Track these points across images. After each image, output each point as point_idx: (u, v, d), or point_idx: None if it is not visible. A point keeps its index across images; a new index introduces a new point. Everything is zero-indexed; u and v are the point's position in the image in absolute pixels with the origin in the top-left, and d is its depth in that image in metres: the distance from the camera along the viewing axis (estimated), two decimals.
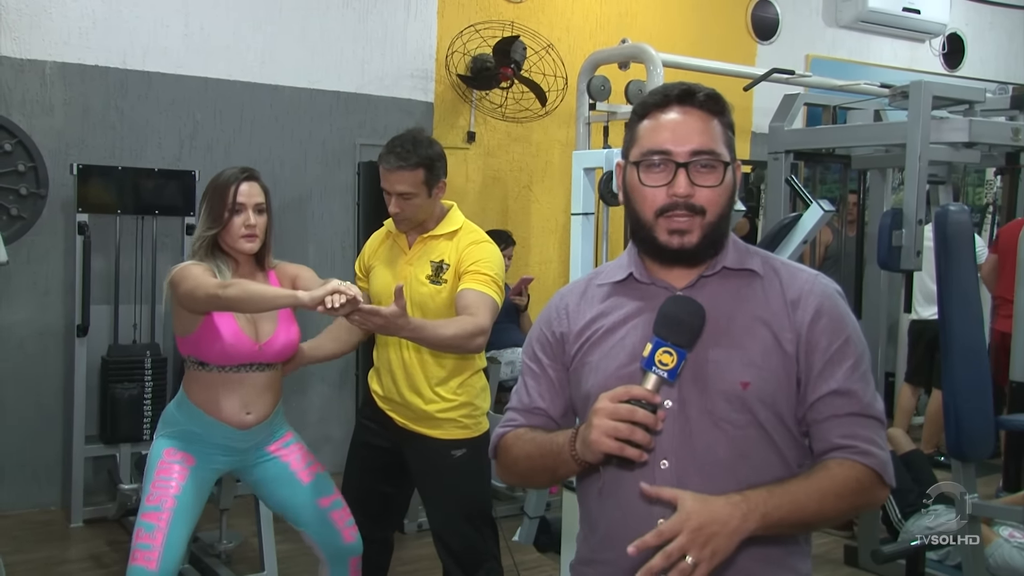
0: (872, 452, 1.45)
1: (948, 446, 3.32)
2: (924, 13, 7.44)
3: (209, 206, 2.54)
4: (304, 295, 2.25)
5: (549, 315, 1.64)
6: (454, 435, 2.78)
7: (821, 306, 1.49)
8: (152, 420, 4.40)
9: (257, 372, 2.58)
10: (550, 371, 1.61)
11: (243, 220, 2.53)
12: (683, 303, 1.42)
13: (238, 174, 2.56)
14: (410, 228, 2.80)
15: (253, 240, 2.56)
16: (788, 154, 4.28)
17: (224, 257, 2.55)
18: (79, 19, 4.60)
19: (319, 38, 5.23)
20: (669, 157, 1.46)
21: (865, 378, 1.49)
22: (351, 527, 2.72)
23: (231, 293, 2.34)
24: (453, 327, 2.53)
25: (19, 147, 4.42)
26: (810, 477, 1.42)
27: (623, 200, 1.55)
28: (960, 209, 3.42)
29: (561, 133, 5.97)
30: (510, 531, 3.44)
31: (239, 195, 2.53)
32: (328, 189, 5.29)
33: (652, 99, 1.51)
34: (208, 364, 2.54)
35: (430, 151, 2.71)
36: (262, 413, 2.61)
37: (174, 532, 2.44)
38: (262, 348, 2.55)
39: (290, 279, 2.64)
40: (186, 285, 2.42)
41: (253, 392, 2.58)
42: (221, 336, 2.48)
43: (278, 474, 2.69)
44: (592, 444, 1.36)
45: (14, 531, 4.31)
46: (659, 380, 1.37)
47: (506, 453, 1.62)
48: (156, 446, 2.59)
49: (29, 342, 4.57)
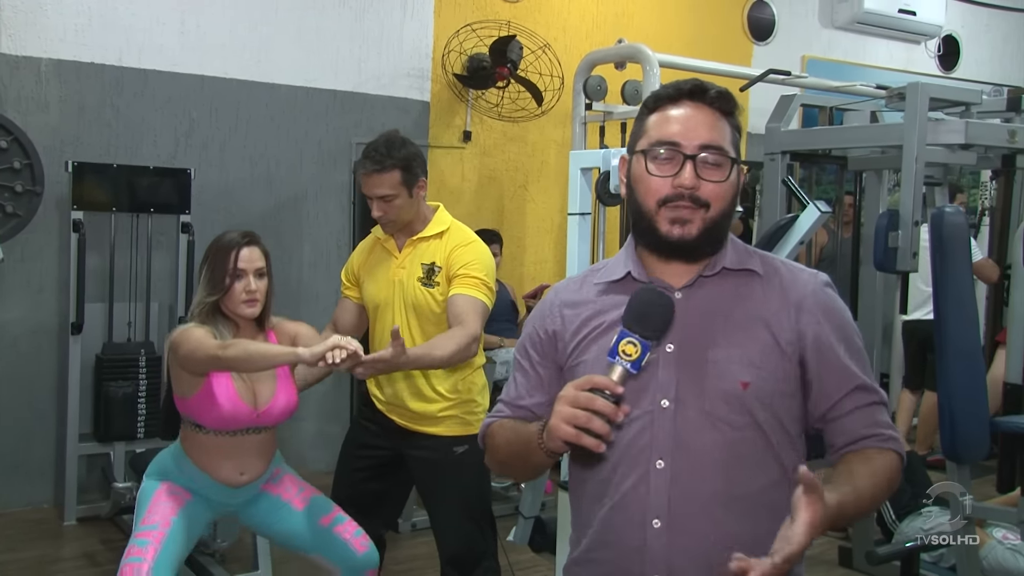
0: (893, 436, 1.50)
1: (943, 448, 3.33)
2: (920, 15, 7.46)
3: (210, 271, 2.55)
4: (305, 352, 2.27)
5: (543, 312, 1.64)
6: (456, 431, 2.79)
7: (826, 307, 1.51)
8: (146, 418, 4.40)
9: (253, 435, 2.59)
10: (539, 368, 1.61)
11: (244, 286, 2.53)
12: (652, 295, 1.41)
13: (239, 239, 2.56)
14: (397, 231, 2.82)
15: (254, 305, 2.56)
16: (784, 155, 4.28)
17: (225, 321, 2.56)
18: (75, 16, 4.59)
19: (315, 37, 5.22)
20: (678, 149, 1.46)
21: (867, 364, 1.53)
22: (361, 537, 2.67)
23: (231, 353, 2.36)
24: (450, 345, 2.57)
25: (14, 144, 4.40)
26: (865, 472, 1.44)
27: (626, 192, 1.55)
28: (956, 211, 3.42)
29: (557, 133, 5.97)
30: (505, 531, 3.43)
31: (240, 261, 2.53)
32: (324, 188, 5.28)
33: (664, 92, 1.51)
34: (205, 428, 2.55)
35: (404, 151, 2.73)
36: (256, 473, 2.63)
37: (167, 547, 2.42)
38: (260, 415, 2.56)
39: (289, 338, 2.65)
40: (187, 347, 2.44)
41: (249, 454, 2.60)
42: (219, 403, 2.49)
43: (271, 508, 2.69)
44: (551, 431, 1.35)
45: (7, 529, 4.30)
46: (624, 371, 1.34)
47: (491, 440, 1.65)
48: (148, 485, 2.59)
49: (23, 340, 4.55)
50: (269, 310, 2.64)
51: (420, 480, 2.92)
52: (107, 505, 4.38)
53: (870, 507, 1.49)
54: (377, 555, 2.70)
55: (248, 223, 5.02)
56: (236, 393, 2.52)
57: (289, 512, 2.68)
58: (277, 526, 2.70)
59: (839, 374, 1.49)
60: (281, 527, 2.70)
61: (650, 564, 1.45)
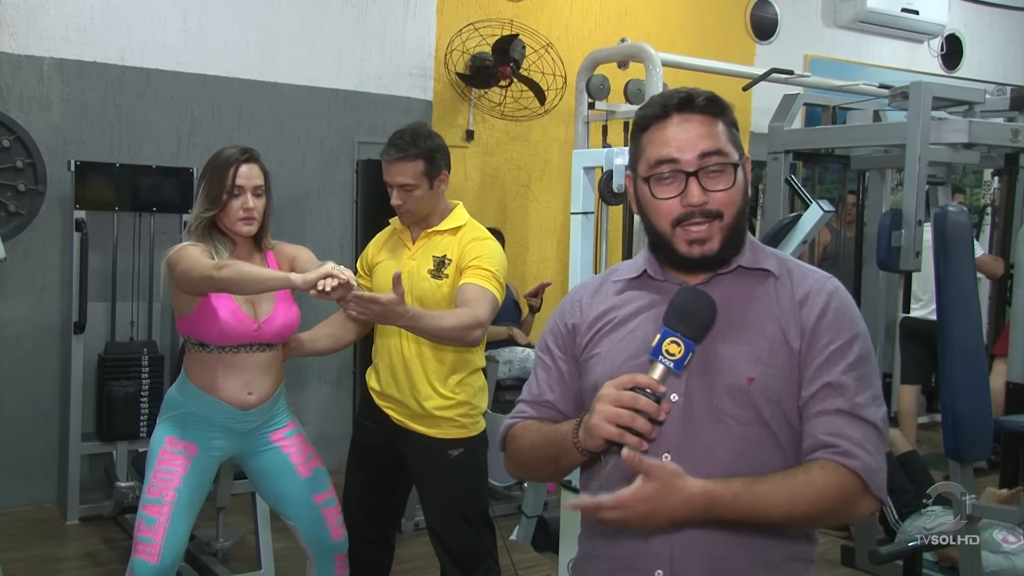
0: (856, 455, 1.38)
1: (946, 447, 3.32)
2: (923, 14, 7.45)
3: (207, 187, 2.52)
4: (297, 277, 2.24)
5: (564, 308, 1.65)
6: (451, 434, 2.77)
7: (828, 304, 1.47)
8: (149, 417, 4.39)
9: (257, 352, 2.57)
10: (561, 364, 1.61)
11: (241, 203, 2.51)
12: (695, 295, 1.43)
13: (238, 155, 2.53)
14: (413, 221, 2.80)
15: (251, 223, 2.54)
16: (787, 154, 4.28)
17: (221, 238, 2.54)
18: (77, 15, 4.59)
19: (318, 35, 5.22)
20: (678, 167, 1.45)
21: (865, 380, 1.44)
22: (340, 526, 2.73)
23: (225, 274, 2.33)
24: (452, 319, 2.53)
25: (17, 143, 4.41)
26: (787, 480, 1.38)
27: (637, 212, 1.55)
28: (959, 210, 3.42)
29: (560, 132, 5.96)
30: (507, 530, 3.43)
31: (238, 177, 2.51)
32: (327, 187, 5.28)
33: (651, 111, 1.49)
34: (208, 344, 2.53)
35: (430, 143, 2.72)
36: (264, 393, 2.60)
37: (175, 525, 2.45)
38: (261, 327, 2.54)
39: (288, 260, 2.63)
40: (182, 266, 2.41)
41: (254, 372, 2.57)
42: (219, 316, 2.48)
43: (277, 465, 2.68)
44: (593, 429, 1.36)
45: (9, 528, 4.30)
46: (666, 370, 1.37)
47: (513, 443, 1.62)
48: (158, 433, 2.59)
49: (26, 339, 4.55)
50: (267, 229, 2.62)
51: (416, 479, 2.91)
52: (110, 504, 4.37)
53: (782, 517, 1.37)
54: (347, 543, 2.75)
55: None
56: (236, 305, 2.50)
57: (292, 477, 2.67)
58: (276, 485, 2.69)
59: (815, 372, 1.44)
60: (280, 488, 2.69)
61: (653, 558, 1.45)
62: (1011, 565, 3.53)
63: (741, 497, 1.35)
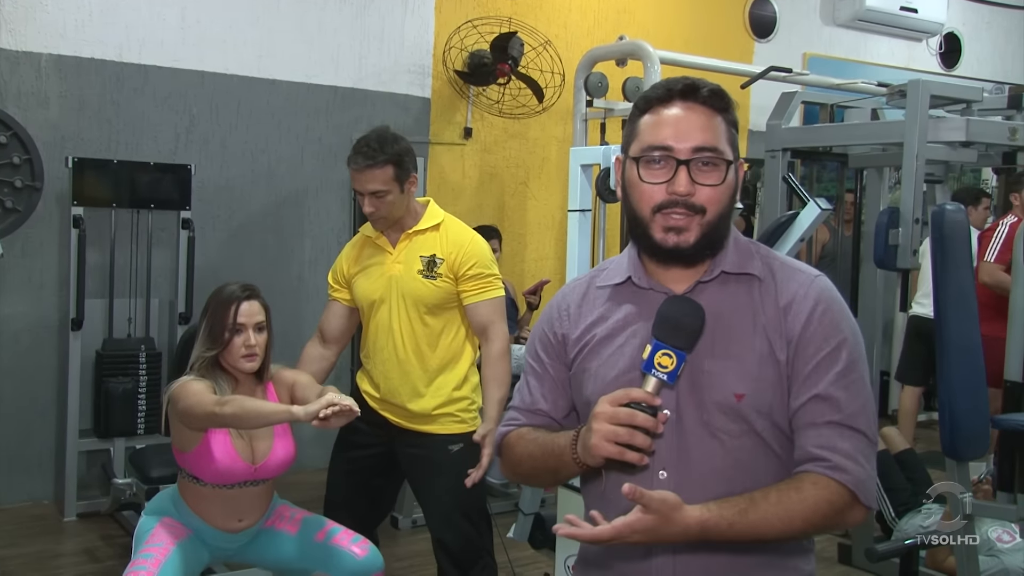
0: (847, 468, 1.38)
1: (943, 445, 3.32)
2: (921, 12, 7.45)
3: (209, 325, 2.54)
4: (299, 411, 2.27)
5: (551, 315, 1.61)
6: (451, 430, 2.79)
7: (814, 310, 1.43)
8: (147, 414, 4.40)
9: (251, 487, 2.59)
10: (551, 371, 1.59)
11: (243, 340, 2.52)
12: (682, 304, 1.40)
13: (239, 293, 2.54)
14: (387, 227, 2.81)
15: (253, 359, 2.55)
16: (785, 152, 4.28)
17: (223, 375, 2.55)
18: (75, 11, 4.58)
19: (316, 32, 5.21)
20: (670, 154, 1.42)
21: (854, 388, 1.41)
22: (360, 542, 2.64)
23: (228, 410, 2.36)
24: (502, 366, 2.81)
25: (14, 139, 4.40)
26: (781, 500, 1.36)
27: (621, 196, 1.52)
28: (957, 208, 3.42)
29: (558, 129, 5.96)
30: (504, 527, 3.44)
31: (239, 315, 2.52)
32: (324, 184, 5.28)
33: (654, 93, 1.47)
34: (202, 481, 2.55)
35: (397, 147, 2.72)
36: (254, 520, 2.63)
37: (170, 564, 2.42)
38: (257, 469, 2.56)
39: (287, 387, 2.64)
40: (186, 402, 2.43)
41: (246, 504, 2.60)
42: (216, 459, 2.49)
43: (267, 541, 2.68)
44: (592, 449, 1.34)
45: (7, 524, 4.30)
46: (659, 383, 1.35)
47: (510, 452, 1.60)
48: (146, 521, 2.59)
49: (23, 335, 4.55)
50: (268, 363, 2.63)
51: (414, 478, 2.91)
52: (107, 501, 4.38)
53: (777, 535, 1.37)
54: (380, 558, 2.67)
55: (248, 219, 5.05)
56: (233, 449, 2.51)
57: (285, 539, 2.68)
58: (275, 556, 2.70)
59: (803, 382, 1.41)
60: (280, 555, 2.69)
61: (656, 574, 1.45)
62: (1001, 564, 3.54)
63: (736, 525, 1.34)
